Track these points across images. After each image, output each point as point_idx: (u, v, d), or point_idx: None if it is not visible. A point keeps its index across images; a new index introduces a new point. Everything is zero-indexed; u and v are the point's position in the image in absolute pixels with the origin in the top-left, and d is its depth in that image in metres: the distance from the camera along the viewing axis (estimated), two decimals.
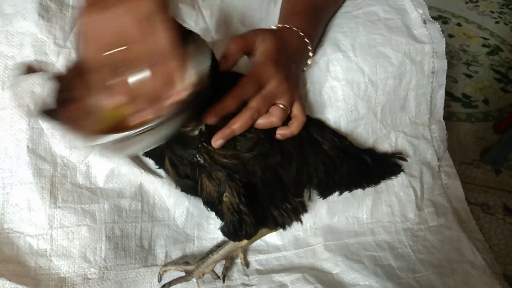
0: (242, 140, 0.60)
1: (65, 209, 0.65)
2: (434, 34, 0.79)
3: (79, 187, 0.67)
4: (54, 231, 0.65)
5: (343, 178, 0.70)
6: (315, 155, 0.67)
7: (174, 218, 0.73)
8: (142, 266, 0.69)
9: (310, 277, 0.71)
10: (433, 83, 0.80)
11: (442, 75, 0.80)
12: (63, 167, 0.67)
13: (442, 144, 0.84)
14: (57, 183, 0.66)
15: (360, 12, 0.83)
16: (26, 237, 0.64)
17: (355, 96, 0.76)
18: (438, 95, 0.82)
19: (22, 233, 0.64)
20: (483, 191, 0.97)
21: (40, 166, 0.65)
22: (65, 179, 0.67)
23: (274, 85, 0.59)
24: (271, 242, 0.77)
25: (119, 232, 0.68)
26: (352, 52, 0.76)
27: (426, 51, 0.78)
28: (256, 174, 0.61)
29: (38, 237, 0.64)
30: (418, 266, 0.75)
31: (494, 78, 1.36)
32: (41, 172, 0.65)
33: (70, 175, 0.67)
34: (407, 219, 0.81)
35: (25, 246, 0.64)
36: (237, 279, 0.72)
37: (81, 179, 0.68)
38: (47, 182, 0.65)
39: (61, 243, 0.65)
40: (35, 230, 0.64)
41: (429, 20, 0.81)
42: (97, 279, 0.65)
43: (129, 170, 0.69)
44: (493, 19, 1.68)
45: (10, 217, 0.64)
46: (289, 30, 0.68)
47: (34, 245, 0.64)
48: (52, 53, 0.69)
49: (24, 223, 0.64)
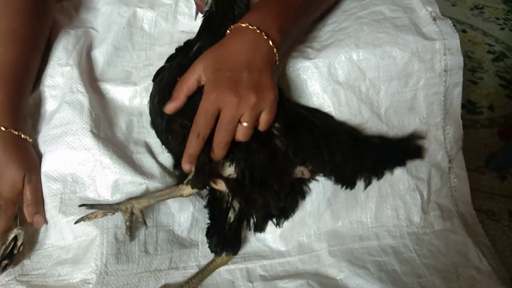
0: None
1: (71, 222, 0.67)
2: (446, 30, 0.76)
3: (87, 200, 0.69)
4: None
5: (359, 162, 0.70)
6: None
7: (179, 224, 0.73)
8: (145, 271, 0.69)
9: (314, 283, 0.70)
10: (446, 81, 0.77)
11: (458, 72, 0.77)
12: (72, 184, 0.69)
13: (455, 144, 0.81)
14: (66, 199, 0.68)
15: (365, 12, 0.81)
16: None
17: (358, 99, 0.75)
18: (454, 94, 0.78)
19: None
20: (488, 198, 0.97)
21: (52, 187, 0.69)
22: (74, 195, 0.69)
23: (227, 109, 0.58)
24: (275, 248, 0.77)
25: (122, 237, 0.68)
26: (355, 53, 0.74)
27: (437, 48, 0.75)
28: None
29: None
30: (423, 271, 0.75)
31: (499, 84, 1.36)
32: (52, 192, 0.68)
33: (79, 190, 0.69)
34: (412, 223, 0.80)
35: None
36: (241, 286, 0.71)
37: (89, 193, 0.69)
38: (57, 200, 0.68)
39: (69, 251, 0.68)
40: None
41: (439, 17, 0.78)
42: (97, 284, 0.65)
43: (133, 179, 0.70)
44: (498, 25, 1.68)
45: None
46: (242, 30, 0.64)
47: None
48: (57, 75, 0.73)
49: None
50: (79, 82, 0.72)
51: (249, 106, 0.59)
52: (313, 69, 0.75)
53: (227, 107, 0.58)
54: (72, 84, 0.72)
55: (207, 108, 0.58)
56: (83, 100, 0.71)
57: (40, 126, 0.72)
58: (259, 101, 0.59)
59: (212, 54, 0.62)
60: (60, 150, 0.69)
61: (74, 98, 0.71)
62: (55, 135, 0.70)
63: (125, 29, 0.83)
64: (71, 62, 0.74)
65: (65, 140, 0.69)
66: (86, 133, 0.69)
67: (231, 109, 0.58)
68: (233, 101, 0.58)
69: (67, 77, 0.73)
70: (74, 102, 0.71)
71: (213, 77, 0.60)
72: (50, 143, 0.70)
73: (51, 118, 0.71)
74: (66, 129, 0.70)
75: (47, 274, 0.67)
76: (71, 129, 0.69)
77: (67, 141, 0.69)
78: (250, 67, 0.60)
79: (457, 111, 0.80)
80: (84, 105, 0.71)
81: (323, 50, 0.76)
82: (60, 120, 0.70)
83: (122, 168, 0.69)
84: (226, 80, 0.59)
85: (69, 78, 0.72)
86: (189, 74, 0.62)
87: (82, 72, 0.75)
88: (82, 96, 0.72)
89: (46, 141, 0.70)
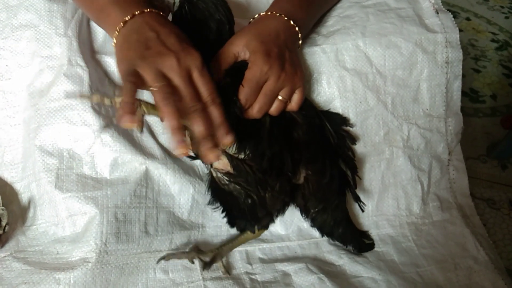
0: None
1: (68, 199, 0.66)
2: (447, 24, 0.78)
3: (84, 177, 0.68)
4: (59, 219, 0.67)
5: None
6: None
7: (179, 205, 0.72)
8: (144, 251, 0.69)
9: (313, 267, 0.71)
10: (447, 73, 0.78)
11: (458, 65, 0.78)
12: (69, 160, 0.68)
13: (455, 137, 0.82)
14: (62, 175, 0.67)
15: (370, 2, 0.82)
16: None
17: (364, 86, 0.75)
18: (454, 87, 0.80)
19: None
20: (489, 186, 0.97)
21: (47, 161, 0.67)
22: (70, 171, 0.68)
23: (272, 81, 0.61)
24: (274, 231, 0.77)
25: (122, 217, 0.67)
26: (362, 41, 0.75)
27: (439, 41, 0.77)
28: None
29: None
30: (421, 261, 0.75)
31: (502, 73, 1.35)
32: (48, 167, 0.67)
33: (76, 166, 0.68)
34: (412, 213, 0.80)
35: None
36: (240, 268, 0.72)
37: (87, 170, 0.68)
38: (52, 176, 0.67)
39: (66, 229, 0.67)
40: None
41: (441, 9, 0.79)
42: (96, 263, 0.64)
43: (133, 158, 0.69)
44: (503, 14, 1.66)
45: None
46: (272, 17, 0.67)
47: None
48: (55, 45, 0.70)
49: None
50: (78, 54, 0.70)
51: (290, 83, 0.63)
52: (321, 54, 0.74)
53: (275, 79, 0.61)
54: (71, 56, 0.69)
55: (258, 77, 0.60)
56: (82, 74, 0.69)
57: (36, 98, 0.70)
58: (297, 80, 0.64)
59: (251, 32, 0.64)
60: (57, 124, 0.68)
61: (73, 71, 0.69)
62: (52, 109, 0.68)
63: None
64: (70, 33, 0.71)
65: (64, 115, 0.68)
66: (86, 109, 0.67)
67: (277, 81, 0.62)
68: (281, 76, 0.62)
69: (65, 48, 0.70)
70: (73, 75, 0.69)
71: (263, 48, 0.62)
72: (47, 116, 0.68)
73: (48, 90, 0.69)
74: (65, 103, 0.68)
75: (44, 251, 0.66)
76: (71, 104, 0.68)
77: (66, 116, 0.68)
78: (288, 47, 0.65)
79: (457, 104, 0.82)
80: (84, 79, 0.69)
81: (330, 36, 0.77)
82: (58, 93, 0.68)
83: (123, 147, 0.68)
84: (275, 55, 0.62)
85: (68, 50, 0.70)
86: (229, 50, 0.63)
87: (82, 43, 0.72)
88: (82, 70, 0.69)
89: (43, 114, 0.68)
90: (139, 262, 0.68)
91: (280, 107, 0.63)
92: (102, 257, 0.65)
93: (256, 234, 0.73)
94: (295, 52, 0.68)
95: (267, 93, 0.61)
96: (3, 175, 0.71)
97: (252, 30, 0.65)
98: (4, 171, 0.71)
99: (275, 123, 0.64)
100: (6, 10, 0.71)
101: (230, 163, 0.63)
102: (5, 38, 0.70)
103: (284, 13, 0.67)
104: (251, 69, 0.61)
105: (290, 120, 0.65)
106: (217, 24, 0.64)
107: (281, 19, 0.67)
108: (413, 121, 0.78)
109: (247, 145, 0.62)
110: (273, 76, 0.61)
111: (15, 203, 0.70)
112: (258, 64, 0.60)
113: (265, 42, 0.62)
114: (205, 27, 0.64)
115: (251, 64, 0.61)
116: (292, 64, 0.64)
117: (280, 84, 0.62)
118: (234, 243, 0.72)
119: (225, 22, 0.65)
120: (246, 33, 0.64)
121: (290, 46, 0.66)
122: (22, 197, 0.71)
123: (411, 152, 0.79)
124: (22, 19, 0.70)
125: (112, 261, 0.66)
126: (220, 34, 0.64)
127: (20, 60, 0.70)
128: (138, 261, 0.68)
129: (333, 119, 0.72)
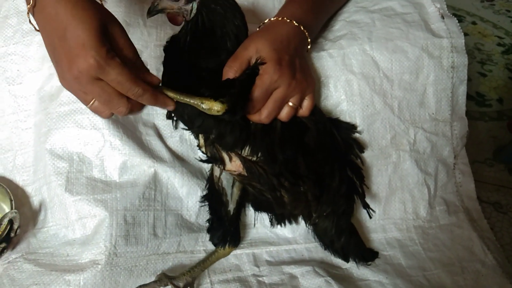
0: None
1: (78, 202, 0.67)
2: (452, 29, 0.79)
3: (94, 180, 0.69)
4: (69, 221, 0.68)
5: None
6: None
7: (188, 208, 0.73)
8: (153, 253, 0.69)
9: (320, 270, 0.71)
10: (453, 78, 0.79)
11: (463, 70, 0.79)
12: (79, 163, 0.69)
13: (460, 141, 0.83)
14: (72, 178, 0.68)
15: (376, 7, 0.82)
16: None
17: (371, 90, 0.75)
18: (460, 91, 0.80)
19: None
20: (495, 190, 0.97)
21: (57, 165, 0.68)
22: (80, 174, 0.69)
23: (282, 89, 0.62)
24: (281, 234, 0.78)
25: (131, 219, 0.68)
26: (369, 45, 0.76)
27: (445, 46, 0.78)
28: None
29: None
30: (428, 264, 0.75)
31: (508, 77, 1.34)
32: (58, 170, 0.68)
33: (86, 170, 0.69)
34: (419, 216, 0.80)
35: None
36: (247, 270, 0.72)
37: (96, 173, 0.69)
38: (62, 179, 0.68)
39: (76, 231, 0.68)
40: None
41: (447, 14, 0.80)
42: (106, 265, 0.65)
43: (141, 161, 0.70)
44: (509, 18, 1.66)
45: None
46: (283, 22, 0.67)
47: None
48: None
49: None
50: None
51: (300, 90, 0.64)
52: (328, 58, 0.75)
53: (285, 87, 0.62)
54: None
55: (268, 85, 0.61)
56: None
57: (46, 102, 0.71)
58: (308, 87, 0.65)
59: (264, 37, 0.64)
60: (67, 128, 0.69)
61: None
62: (62, 113, 0.69)
63: (137, 5, 0.81)
64: None
65: (74, 119, 0.69)
66: None
67: (287, 89, 0.62)
68: (291, 84, 0.63)
69: None
70: None
71: (275, 56, 0.62)
72: (57, 120, 0.69)
73: (58, 94, 0.70)
74: (74, 107, 0.69)
75: (55, 253, 0.67)
76: (80, 108, 0.69)
77: (76, 120, 0.69)
78: (298, 55, 0.66)
79: (462, 109, 0.82)
80: None
81: (337, 41, 0.77)
82: (67, 97, 0.69)
83: (132, 150, 0.69)
84: (286, 63, 0.63)
85: None
86: (242, 54, 0.63)
87: None
88: None
89: (53, 118, 0.69)
90: (148, 264, 0.68)
91: (290, 113, 0.64)
92: (112, 259, 0.66)
93: (227, 252, 0.72)
94: (305, 58, 0.69)
95: (276, 100, 0.62)
96: (15, 178, 0.73)
97: (265, 36, 0.65)
98: (16, 174, 0.73)
99: (286, 128, 0.64)
100: (17, 15, 0.72)
101: (243, 165, 0.64)
102: (16, 43, 0.71)
103: (294, 18, 0.68)
104: (262, 76, 0.61)
105: (301, 125, 0.66)
106: (235, 30, 0.64)
107: (291, 25, 0.67)
108: (419, 125, 0.79)
109: (259, 149, 0.62)
110: (283, 84, 0.62)
111: (26, 206, 0.71)
112: (269, 72, 0.61)
113: (277, 50, 0.62)
114: (223, 33, 0.63)
115: (262, 72, 0.61)
116: (302, 71, 0.65)
117: (290, 91, 0.63)
118: (205, 264, 0.70)
119: (242, 28, 0.65)
120: (259, 39, 0.64)
121: (300, 53, 0.67)
122: (34, 200, 0.72)
123: (418, 156, 0.79)
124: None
125: (121, 263, 0.67)
126: (238, 39, 0.64)
127: (31, 64, 0.71)
128: (147, 263, 0.68)
129: (341, 127, 0.73)
